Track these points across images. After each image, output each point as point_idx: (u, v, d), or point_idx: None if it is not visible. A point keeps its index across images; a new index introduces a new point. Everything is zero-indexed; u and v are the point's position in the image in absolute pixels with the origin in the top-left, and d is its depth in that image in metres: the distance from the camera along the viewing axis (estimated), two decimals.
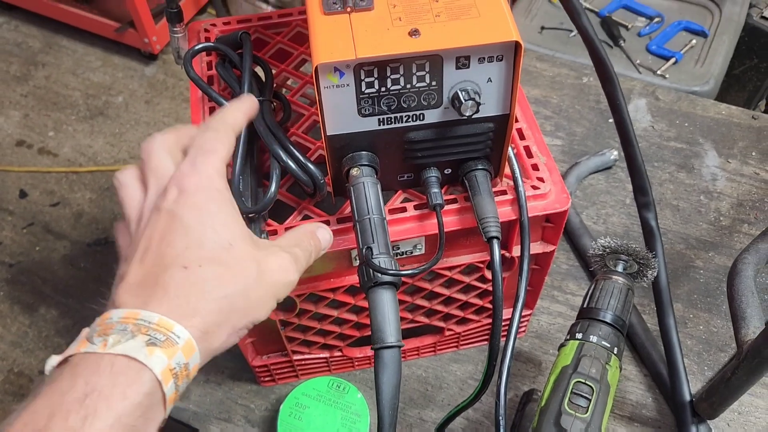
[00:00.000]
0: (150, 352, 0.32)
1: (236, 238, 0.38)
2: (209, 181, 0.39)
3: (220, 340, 0.36)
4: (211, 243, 0.37)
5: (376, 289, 0.45)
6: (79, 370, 0.32)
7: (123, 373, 0.32)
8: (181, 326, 0.34)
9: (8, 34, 2.15)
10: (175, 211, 0.37)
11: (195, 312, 0.35)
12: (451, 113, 0.48)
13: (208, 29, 0.67)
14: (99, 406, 0.31)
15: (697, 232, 0.84)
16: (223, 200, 0.39)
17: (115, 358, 0.32)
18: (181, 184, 0.38)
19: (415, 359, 0.75)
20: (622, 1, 1.42)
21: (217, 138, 0.41)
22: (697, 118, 0.96)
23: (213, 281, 0.36)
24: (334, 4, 0.45)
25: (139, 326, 0.33)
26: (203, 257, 0.36)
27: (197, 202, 0.38)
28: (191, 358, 0.34)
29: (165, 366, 0.32)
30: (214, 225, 0.38)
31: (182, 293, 0.35)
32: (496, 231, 0.49)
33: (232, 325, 0.37)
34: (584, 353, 0.51)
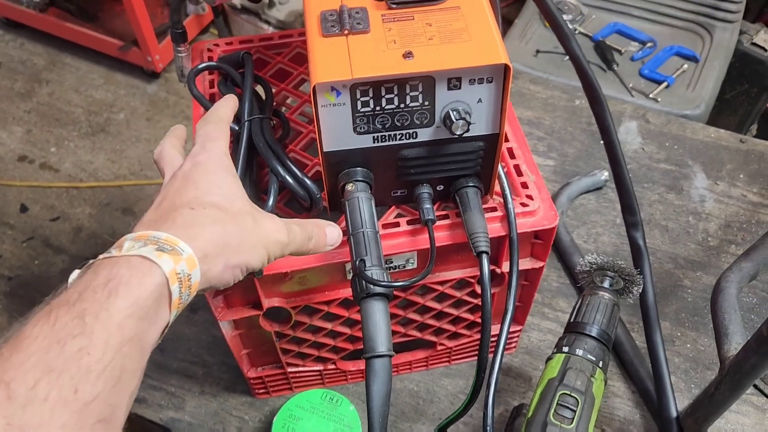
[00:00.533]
0: (159, 255, 0.37)
1: (238, 196, 0.45)
2: (218, 157, 0.46)
3: (216, 269, 0.41)
4: (215, 194, 0.43)
5: (369, 300, 0.46)
6: (100, 268, 0.37)
7: (138, 267, 0.37)
8: (185, 243, 0.39)
9: (14, 51, 2.18)
10: (188, 173, 0.45)
11: (196, 237, 0.40)
12: (442, 132, 0.50)
13: (211, 49, 0.70)
14: (120, 288, 0.36)
15: (685, 252, 0.86)
16: (229, 171, 0.46)
17: (130, 258, 0.37)
18: (195, 158, 0.46)
19: (408, 373, 0.76)
20: (615, 26, 1.46)
21: (218, 128, 0.49)
22: (686, 140, 0.98)
23: (213, 219, 0.42)
24: (332, 27, 0.47)
25: (150, 239, 0.38)
26: (208, 202, 0.43)
27: (207, 167, 0.45)
28: (193, 272, 0.39)
29: (172, 268, 0.37)
30: (220, 184, 0.44)
31: (187, 224, 0.41)
32: (485, 246, 0.51)
33: (226, 258, 0.42)
34: (570, 366, 0.52)
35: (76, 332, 0.33)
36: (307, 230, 0.48)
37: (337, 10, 0.48)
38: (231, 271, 0.42)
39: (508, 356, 0.77)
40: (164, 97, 2.03)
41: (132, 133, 1.95)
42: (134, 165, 1.86)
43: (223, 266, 0.41)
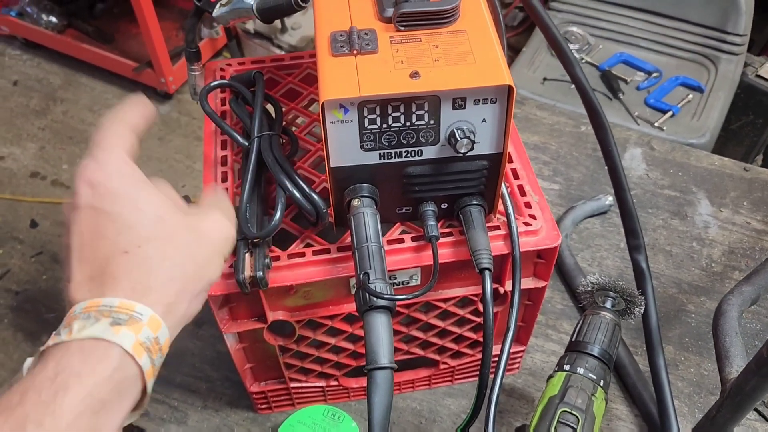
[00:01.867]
0: (116, 331, 0.33)
1: (163, 210, 0.39)
2: (117, 169, 0.39)
3: (182, 310, 0.38)
4: (140, 222, 0.37)
5: (372, 313, 0.47)
6: (49, 358, 0.33)
7: (91, 353, 0.33)
8: (142, 305, 0.35)
9: (31, 70, 2.23)
10: (94, 204, 0.38)
11: (149, 289, 0.36)
12: (447, 150, 0.51)
13: (224, 68, 0.72)
14: (70, 381, 0.32)
15: (689, 277, 0.86)
16: (137, 181, 0.39)
17: (82, 342, 0.33)
18: (90, 179, 0.38)
19: (410, 392, 0.76)
20: (621, 56, 1.48)
21: (112, 133, 0.41)
22: (690, 168, 0.99)
23: (156, 257, 0.37)
24: (341, 47, 0.49)
25: (102, 311, 0.34)
26: (139, 237, 0.37)
27: (112, 189, 0.38)
28: (159, 332, 0.35)
29: (134, 341, 0.34)
30: (137, 205, 0.38)
31: (132, 276, 0.36)
32: (488, 263, 0.52)
33: (189, 291, 0.38)
34: (571, 384, 0.52)
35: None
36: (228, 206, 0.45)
37: (347, 31, 0.50)
38: (196, 300, 0.39)
39: (511, 377, 0.77)
40: (176, 118, 2.07)
41: (143, 152, 1.95)
42: None
43: (189, 301, 0.38)
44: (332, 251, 0.56)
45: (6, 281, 1.68)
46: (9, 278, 1.69)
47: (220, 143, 0.64)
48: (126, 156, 0.40)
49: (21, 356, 1.55)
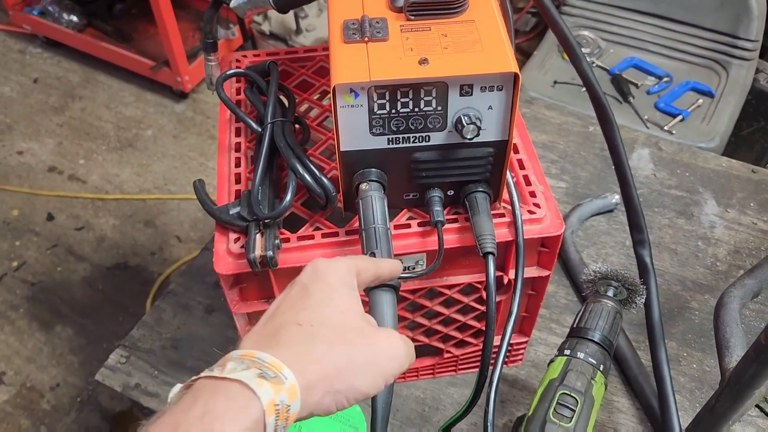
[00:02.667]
0: (260, 383, 0.35)
1: (351, 311, 0.42)
2: (338, 269, 0.43)
3: (317, 396, 0.38)
4: (327, 309, 0.41)
5: (377, 291, 0.48)
6: (199, 393, 0.35)
7: (236, 399, 0.35)
8: (289, 369, 0.37)
9: (51, 68, 2.28)
10: (305, 283, 0.42)
11: (300, 361, 0.38)
12: (454, 136, 0.53)
13: (240, 60, 0.74)
14: (215, 425, 0.34)
15: (693, 275, 0.87)
16: (347, 284, 0.43)
17: (231, 383, 0.35)
18: (316, 265, 0.43)
19: (414, 381, 0.77)
20: (632, 60, 1.49)
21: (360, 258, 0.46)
22: (698, 168, 1.00)
23: (321, 339, 0.39)
24: (353, 35, 0.51)
25: (254, 362, 0.36)
26: (317, 319, 0.40)
27: (326, 279, 0.42)
28: (293, 403, 0.36)
29: (270, 399, 0.35)
30: (333, 297, 0.42)
31: (293, 346, 0.39)
32: (491, 247, 0.53)
33: (331, 384, 0.38)
34: (571, 368, 0.54)
35: None
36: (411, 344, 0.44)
37: (359, 20, 0.52)
38: (333, 398, 0.39)
39: (514, 368, 0.78)
40: (191, 117, 2.10)
41: (158, 150, 2.01)
42: (159, 180, 1.91)
43: (324, 393, 0.38)
44: (340, 234, 0.57)
45: (22, 272, 1.71)
46: (25, 269, 1.72)
47: (234, 130, 0.66)
48: (355, 269, 0.44)
49: (35, 344, 1.58)
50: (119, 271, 1.71)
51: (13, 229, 1.82)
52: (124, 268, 1.72)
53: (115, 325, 1.58)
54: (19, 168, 1.97)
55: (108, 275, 1.70)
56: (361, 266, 0.45)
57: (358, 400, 0.40)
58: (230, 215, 0.57)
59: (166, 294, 0.87)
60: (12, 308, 1.65)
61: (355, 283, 0.44)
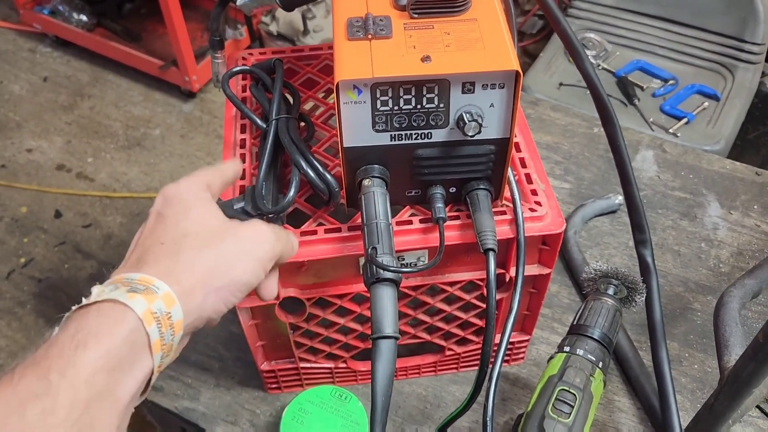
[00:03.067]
0: (131, 296, 0.36)
1: (209, 216, 0.43)
2: (188, 188, 0.44)
3: (197, 299, 0.39)
4: (185, 222, 0.42)
5: (378, 285, 0.49)
6: (70, 320, 0.36)
7: (107, 315, 0.35)
8: (160, 281, 0.38)
9: (60, 67, 2.30)
10: (159, 210, 0.43)
11: (170, 272, 0.39)
12: (456, 134, 0.53)
13: (246, 57, 0.75)
14: (88, 340, 0.34)
15: (696, 277, 0.87)
16: (199, 197, 0.44)
17: (100, 305, 0.36)
18: (164, 193, 0.45)
19: (416, 378, 0.78)
20: (638, 63, 1.49)
21: (201, 170, 0.48)
22: (701, 170, 1.00)
23: (185, 248, 0.40)
24: (357, 32, 0.51)
25: (122, 282, 0.37)
26: (178, 233, 0.41)
27: (178, 199, 0.44)
28: (173, 309, 0.37)
29: (145, 308, 0.36)
30: (190, 210, 0.43)
31: (160, 261, 0.39)
32: (492, 243, 0.54)
33: (208, 284, 0.40)
34: (570, 364, 0.54)
35: (39, 392, 0.32)
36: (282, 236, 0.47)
37: (362, 18, 0.52)
38: (217, 296, 0.40)
39: (516, 367, 0.78)
40: (199, 116, 2.11)
41: (166, 148, 2.02)
42: (166, 178, 1.93)
43: (205, 294, 0.40)
44: (343, 230, 0.58)
45: (30, 269, 1.73)
46: (33, 266, 1.74)
47: (240, 127, 0.67)
48: (203, 184, 0.46)
49: None
50: None
51: (21, 226, 1.83)
52: None
53: None
54: (28, 166, 1.98)
55: None
56: (208, 178, 0.46)
57: (243, 292, 0.42)
58: (234, 210, 0.57)
59: None
60: (19, 304, 1.66)
61: (209, 195, 0.45)
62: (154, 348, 0.36)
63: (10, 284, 1.70)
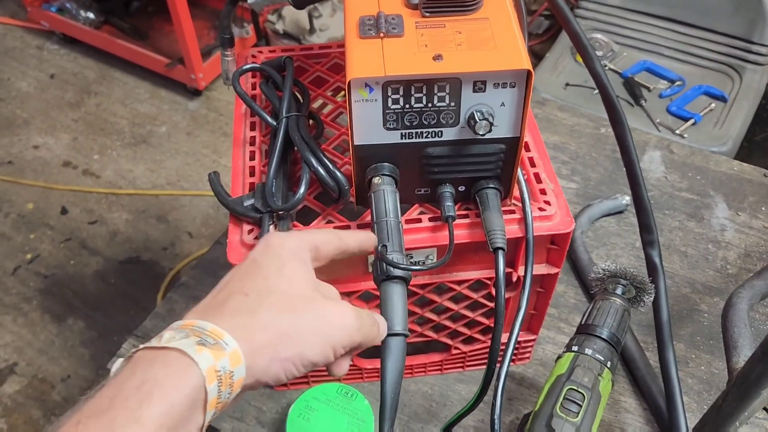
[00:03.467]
0: (199, 350, 0.35)
1: (300, 279, 0.42)
2: (292, 244, 0.44)
3: (263, 363, 0.38)
4: (276, 280, 0.41)
5: (388, 283, 0.49)
6: (137, 364, 0.35)
7: (174, 366, 0.35)
8: (230, 336, 0.37)
9: (67, 64, 2.30)
10: (256, 258, 0.43)
11: (244, 328, 0.38)
12: (466, 132, 0.53)
13: (255, 55, 0.75)
14: (154, 392, 0.34)
15: (703, 278, 0.87)
16: (299, 256, 0.43)
17: (168, 351, 0.35)
18: (268, 241, 0.44)
19: (422, 376, 0.78)
20: (645, 64, 1.49)
21: (317, 232, 0.47)
22: (709, 172, 1.00)
23: (267, 308, 0.39)
24: (369, 30, 0.52)
25: (194, 330, 0.36)
26: (264, 289, 0.40)
27: (276, 252, 0.43)
28: (237, 369, 0.36)
29: (211, 365, 0.35)
30: (283, 269, 0.42)
31: (237, 313, 0.39)
32: (502, 242, 0.54)
33: (276, 350, 0.38)
34: (578, 364, 0.54)
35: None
36: (372, 316, 0.45)
37: (374, 16, 0.53)
38: (281, 365, 0.39)
39: (522, 366, 0.78)
40: (205, 114, 2.12)
41: (172, 146, 2.03)
42: (172, 176, 1.93)
43: (271, 359, 0.38)
44: (352, 228, 0.58)
45: (36, 265, 1.74)
46: (39, 262, 1.74)
47: (249, 124, 0.67)
48: (311, 243, 0.45)
49: (47, 337, 1.60)
50: (131, 265, 1.73)
51: (27, 222, 1.84)
52: (136, 263, 1.73)
53: (126, 319, 1.60)
54: (35, 162, 1.99)
55: (120, 269, 1.72)
56: (320, 240, 0.45)
57: (307, 368, 0.40)
58: (244, 207, 0.58)
59: (178, 286, 0.88)
60: (25, 300, 1.67)
61: (309, 256, 0.44)
62: (209, 406, 0.35)
63: (16, 280, 1.71)
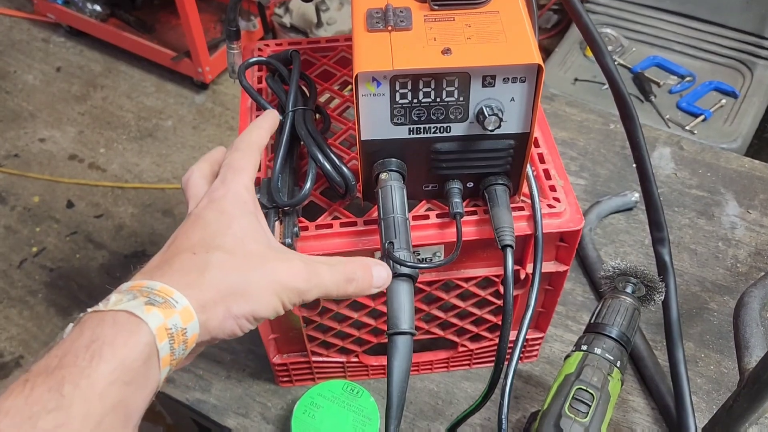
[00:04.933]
0: (148, 309, 0.35)
1: (249, 237, 0.41)
2: (236, 194, 0.43)
3: (217, 319, 0.38)
4: (223, 237, 0.40)
5: (395, 280, 0.48)
6: (86, 325, 0.35)
7: (124, 326, 0.34)
8: (180, 294, 0.36)
9: (73, 57, 2.30)
10: (200, 213, 0.42)
11: (193, 285, 0.38)
12: (475, 128, 0.52)
13: (262, 48, 0.74)
14: (104, 350, 0.33)
15: (713, 276, 0.86)
16: (247, 209, 0.43)
17: (117, 313, 0.35)
18: (211, 195, 0.43)
19: (428, 373, 0.77)
20: (655, 59, 1.48)
21: (244, 157, 0.46)
22: (719, 169, 0.99)
23: (215, 265, 0.39)
24: (377, 23, 0.51)
25: (142, 291, 0.36)
26: (212, 246, 0.40)
27: (222, 207, 0.42)
28: (189, 326, 0.36)
29: (161, 324, 0.35)
30: (231, 224, 0.41)
31: (187, 272, 0.38)
32: (510, 239, 0.53)
33: (228, 307, 0.39)
34: (588, 363, 0.53)
35: (52, 406, 0.31)
36: (343, 271, 0.44)
37: (382, 9, 0.52)
38: (234, 321, 0.39)
39: (529, 364, 0.78)
40: (211, 108, 2.11)
41: (178, 140, 2.02)
42: (178, 169, 1.93)
43: (224, 315, 0.38)
44: (359, 224, 0.58)
45: (42, 258, 1.74)
46: (45, 255, 1.75)
47: (256, 118, 0.66)
48: (251, 182, 0.45)
49: (53, 330, 1.60)
50: (137, 259, 1.73)
51: (33, 215, 1.84)
52: (141, 256, 1.73)
53: None
54: (41, 155, 1.99)
55: (126, 263, 1.72)
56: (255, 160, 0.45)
57: (260, 322, 0.41)
58: None
59: None
60: (31, 293, 1.67)
61: (255, 208, 0.43)
62: (163, 363, 0.35)
63: (21, 273, 1.71)
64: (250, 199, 0.44)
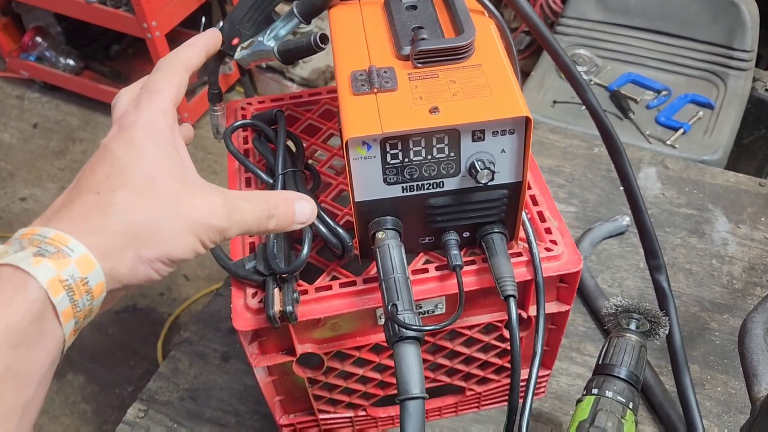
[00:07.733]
0: (36, 262, 0.32)
1: (162, 172, 0.38)
2: (148, 120, 0.39)
3: (125, 266, 0.35)
4: (132, 173, 0.37)
5: (401, 344, 0.48)
6: None
7: (8, 282, 0.32)
8: (77, 241, 0.33)
9: (50, 112, 2.29)
10: (108, 145, 0.38)
11: (94, 230, 0.34)
12: (468, 181, 0.52)
13: (245, 107, 0.74)
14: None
15: (710, 295, 0.86)
16: (161, 139, 0.38)
17: (1, 268, 0.32)
18: (122, 122, 0.39)
19: (437, 419, 0.76)
20: (630, 76, 1.50)
21: (165, 78, 0.42)
22: (706, 185, 1.00)
23: (121, 206, 0.36)
24: (362, 86, 0.51)
25: (33, 240, 0.33)
26: (119, 184, 0.36)
27: (131, 137, 0.38)
28: (91, 275, 0.33)
29: (53, 276, 0.32)
30: (141, 158, 0.37)
31: (88, 216, 0.35)
32: (512, 290, 0.53)
33: (137, 251, 0.36)
34: (600, 407, 0.53)
35: None
36: (264, 206, 0.41)
37: (366, 70, 0.52)
38: (148, 266, 0.36)
39: (537, 401, 0.77)
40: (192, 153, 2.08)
41: None
42: None
43: (135, 261, 0.35)
44: (358, 283, 0.57)
45: None
46: None
47: (245, 180, 0.66)
48: (169, 105, 0.40)
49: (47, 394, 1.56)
50: (128, 314, 1.71)
51: None
52: (133, 311, 1.71)
53: (126, 370, 1.57)
54: (23, 215, 1.97)
55: (117, 319, 1.69)
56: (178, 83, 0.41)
57: (178, 265, 0.38)
58: (246, 270, 0.56)
59: (181, 343, 0.86)
60: None
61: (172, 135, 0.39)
62: (64, 317, 0.32)
63: None
64: (166, 126, 0.39)
